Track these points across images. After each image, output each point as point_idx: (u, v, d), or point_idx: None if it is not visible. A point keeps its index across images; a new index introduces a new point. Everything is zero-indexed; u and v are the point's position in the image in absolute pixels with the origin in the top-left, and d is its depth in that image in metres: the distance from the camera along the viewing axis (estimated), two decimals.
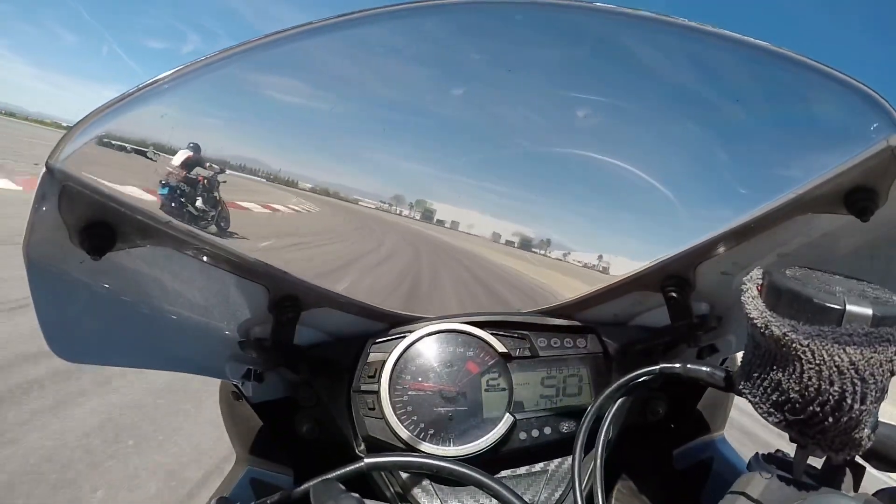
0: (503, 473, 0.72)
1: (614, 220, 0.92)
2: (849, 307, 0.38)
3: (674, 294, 0.73)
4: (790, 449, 0.46)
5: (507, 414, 0.71)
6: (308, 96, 0.69)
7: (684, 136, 0.76)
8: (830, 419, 0.39)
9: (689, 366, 0.57)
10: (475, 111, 0.78)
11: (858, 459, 0.45)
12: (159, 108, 0.50)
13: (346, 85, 0.70)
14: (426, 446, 0.68)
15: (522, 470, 0.72)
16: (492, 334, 0.75)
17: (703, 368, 0.55)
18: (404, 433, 0.68)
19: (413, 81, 0.71)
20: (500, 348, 0.74)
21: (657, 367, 0.59)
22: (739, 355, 0.75)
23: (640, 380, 0.62)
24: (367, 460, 0.64)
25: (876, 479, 0.48)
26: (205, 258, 0.61)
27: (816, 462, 0.46)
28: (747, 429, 4.16)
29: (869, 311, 0.38)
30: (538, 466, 0.73)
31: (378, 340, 0.75)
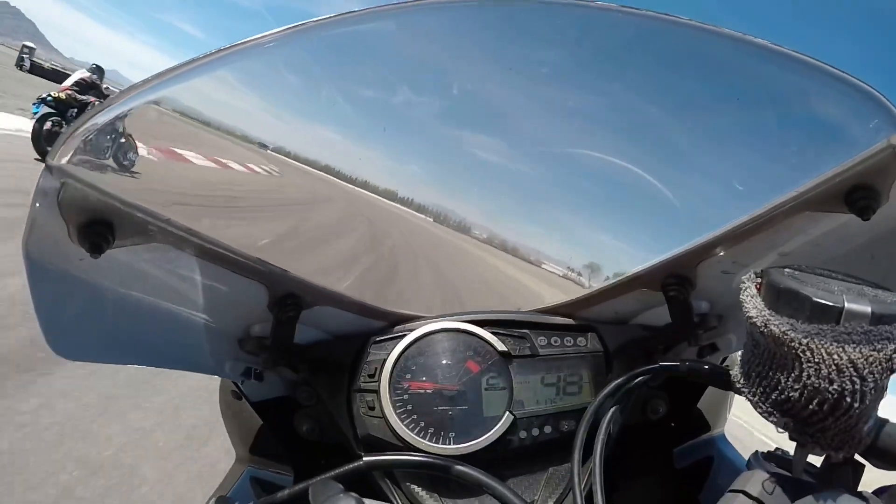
0: (503, 472, 0.72)
1: (615, 218, 0.92)
2: (847, 305, 0.38)
3: (674, 293, 0.72)
4: (789, 447, 0.46)
5: (507, 413, 0.71)
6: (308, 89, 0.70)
7: (685, 134, 0.76)
8: (830, 418, 0.39)
9: (688, 364, 0.57)
10: (475, 108, 0.78)
11: (858, 457, 0.45)
12: (158, 109, 0.51)
13: (357, 80, 0.71)
14: (426, 445, 0.68)
15: (522, 469, 0.72)
16: (492, 333, 0.75)
17: (703, 367, 0.55)
18: (404, 432, 0.68)
19: (411, 76, 0.72)
20: (501, 347, 0.74)
21: (656, 365, 0.59)
22: (740, 354, 0.75)
23: (640, 378, 0.61)
24: (365, 459, 0.64)
25: (875, 476, 0.48)
26: (204, 256, 0.61)
27: (815, 460, 0.46)
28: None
29: (868, 309, 0.38)
30: (538, 465, 0.72)
31: (378, 339, 0.75)
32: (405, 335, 0.74)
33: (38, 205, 0.48)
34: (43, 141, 7.32)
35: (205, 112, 0.62)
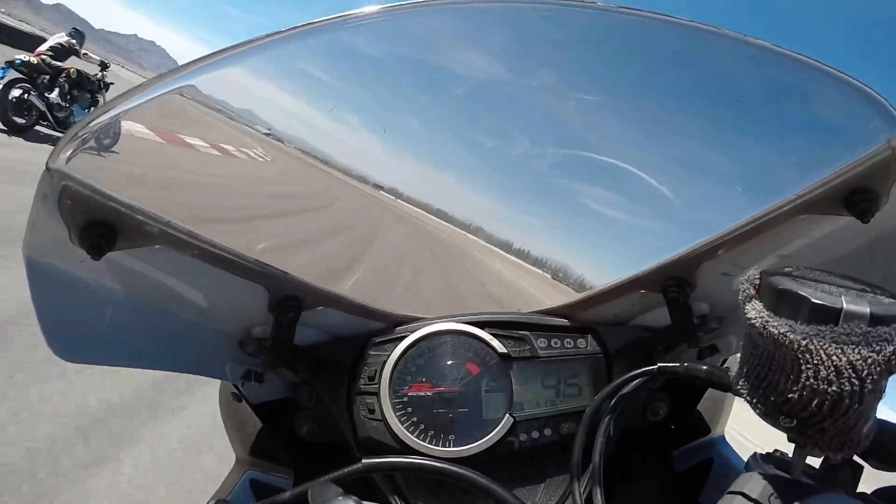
0: (503, 475, 0.71)
1: (614, 220, 0.92)
2: (846, 306, 0.38)
3: (675, 294, 0.72)
4: (788, 448, 0.46)
5: (507, 415, 0.71)
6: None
7: (685, 136, 0.76)
8: (828, 419, 0.39)
9: (687, 365, 0.57)
10: (475, 111, 0.78)
11: (856, 458, 0.44)
12: (158, 115, 0.51)
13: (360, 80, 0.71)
14: (426, 448, 0.68)
15: (522, 471, 0.72)
16: (492, 335, 0.74)
17: (702, 368, 0.55)
18: (404, 435, 0.68)
19: (411, 80, 0.72)
20: (501, 349, 0.74)
21: (655, 366, 0.59)
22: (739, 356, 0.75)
23: (639, 380, 0.61)
24: (364, 462, 0.64)
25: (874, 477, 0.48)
26: (205, 258, 0.61)
27: (814, 461, 0.46)
28: None
29: (866, 310, 0.38)
30: (538, 468, 0.72)
31: (378, 341, 0.75)
32: (405, 336, 0.74)
33: (38, 207, 0.48)
34: (9, 111, 6.29)
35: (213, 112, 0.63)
